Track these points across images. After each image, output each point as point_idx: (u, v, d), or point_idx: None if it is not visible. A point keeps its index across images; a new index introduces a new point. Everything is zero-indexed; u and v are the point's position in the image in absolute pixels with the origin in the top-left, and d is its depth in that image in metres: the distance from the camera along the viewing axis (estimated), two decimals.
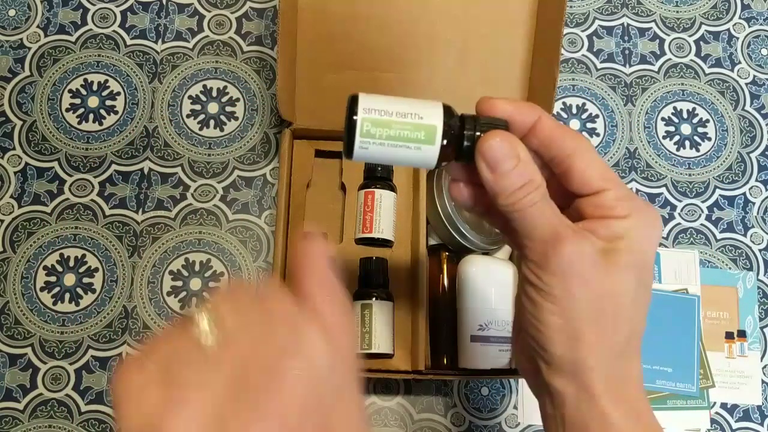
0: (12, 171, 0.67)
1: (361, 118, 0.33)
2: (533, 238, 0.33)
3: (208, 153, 0.68)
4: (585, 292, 0.32)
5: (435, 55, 0.61)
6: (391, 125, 0.33)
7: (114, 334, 0.63)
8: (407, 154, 0.33)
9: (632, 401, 0.33)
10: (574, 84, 0.72)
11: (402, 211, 0.63)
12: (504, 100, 0.34)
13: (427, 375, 0.57)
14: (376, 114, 0.33)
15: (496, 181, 0.32)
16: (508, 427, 0.63)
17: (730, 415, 0.64)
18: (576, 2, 0.74)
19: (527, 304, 0.34)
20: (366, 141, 0.33)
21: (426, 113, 0.33)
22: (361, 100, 0.33)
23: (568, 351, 0.33)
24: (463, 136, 0.33)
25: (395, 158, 0.33)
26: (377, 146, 0.33)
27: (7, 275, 0.64)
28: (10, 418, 0.61)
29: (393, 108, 0.33)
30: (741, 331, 0.66)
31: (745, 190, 0.70)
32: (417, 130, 0.33)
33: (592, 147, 0.34)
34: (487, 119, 0.34)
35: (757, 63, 0.74)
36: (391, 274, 0.62)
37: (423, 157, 0.33)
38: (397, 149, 0.33)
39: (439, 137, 0.33)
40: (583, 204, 0.34)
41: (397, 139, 0.33)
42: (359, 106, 0.33)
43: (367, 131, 0.33)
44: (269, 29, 0.72)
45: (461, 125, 0.34)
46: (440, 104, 0.34)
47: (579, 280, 0.32)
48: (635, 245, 0.33)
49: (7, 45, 0.70)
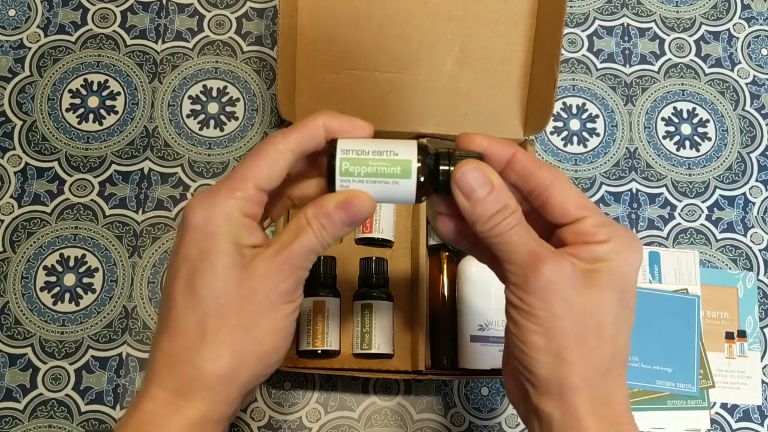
0: (12, 171, 0.67)
1: (339, 158, 0.35)
2: (513, 261, 0.34)
3: (208, 153, 0.68)
4: (566, 311, 0.33)
5: (435, 55, 0.61)
6: (368, 162, 0.35)
7: (114, 334, 0.63)
8: (386, 189, 0.35)
9: (619, 424, 0.34)
10: (574, 84, 0.72)
11: (402, 211, 0.63)
12: (481, 136, 0.36)
13: (427, 375, 0.57)
14: (353, 154, 0.35)
15: (472, 209, 0.34)
16: (508, 427, 0.63)
17: (730, 415, 0.64)
18: (576, 2, 0.74)
19: (512, 328, 0.34)
20: (346, 179, 0.35)
21: (401, 150, 0.35)
22: (339, 143, 0.35)
23: (552, 371, 0.33)
24: (438, 170, 0.35)
25: (375, 194, 0.35)
26: (357, 183, 0.35)
27: (7, 275, 0.64)
28: (10, 418, 0.61)
29: (370, 147, 0.35)
30: (741, 331, 0.66)
31: (745, 190, 0.70)
32: (393, 165, 0.35)
33: (567, 178, 0.36)
34: (461, 153, 0.36)
35: (757, 63, 0.74)
36: (391, 274, 0.62)
37: (402, 192, 0.35)
38: (376, 185, 0.35)
39: (415, 170, 0.35)
40: (564, 233, 0.35)
41: (375, 175, 0.35)
42: (338, 148, 0.35)
43: (345, 170, 0.35)
44: (269, 29, 0.72)
45: (436, 160, 0.36)
46: (415, 142, 0.36)
47: (560, 299, 0.33)
48: (616, 267, 0.34)
49: (7, 45, 0.70)
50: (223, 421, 0.35)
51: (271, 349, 0.35)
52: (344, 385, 0.62)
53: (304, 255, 0.35)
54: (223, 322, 0.34)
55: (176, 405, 0.34)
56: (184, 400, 0.34)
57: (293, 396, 0.62)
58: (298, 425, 0.61)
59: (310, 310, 0.58)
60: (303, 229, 0.35)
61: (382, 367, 0.59)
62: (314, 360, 0.59)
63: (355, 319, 0.60)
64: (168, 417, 0.33)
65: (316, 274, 0.60)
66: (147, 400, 0.34)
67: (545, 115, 0.59)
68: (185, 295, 0.34)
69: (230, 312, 0.34)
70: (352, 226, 0.36)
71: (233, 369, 0.34)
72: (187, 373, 0.34)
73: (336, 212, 0.35)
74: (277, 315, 0.35)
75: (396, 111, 0.62)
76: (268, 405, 0.62)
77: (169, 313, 0.35)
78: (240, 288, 0.34)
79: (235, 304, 0.34)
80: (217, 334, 0.34)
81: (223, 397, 0.34)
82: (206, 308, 0.34)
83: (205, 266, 0.34)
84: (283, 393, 0.62)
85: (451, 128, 0.62)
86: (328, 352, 0.58)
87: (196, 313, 0.34)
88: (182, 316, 0.34)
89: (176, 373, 0.34)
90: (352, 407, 0.62)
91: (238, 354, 0.34)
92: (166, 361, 0.34)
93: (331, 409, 0.62)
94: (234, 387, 0.34)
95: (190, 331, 0.34)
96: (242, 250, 0.34)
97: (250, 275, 0.34)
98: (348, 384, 0.62)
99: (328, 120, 0.36)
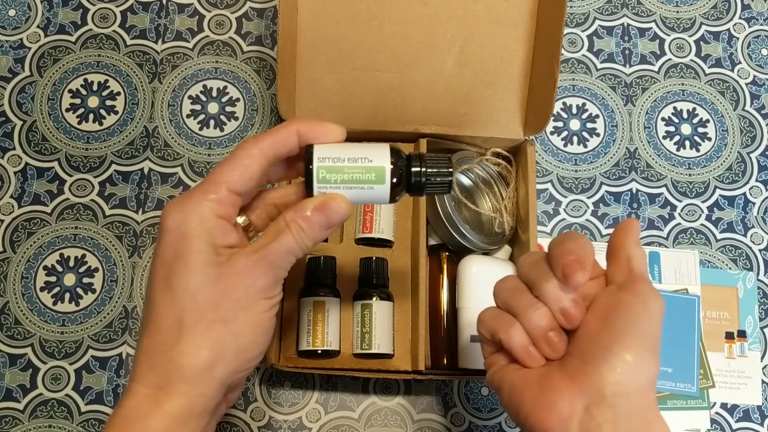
0: (12, 171, 0.67)
1: (317, 166, 0.36)
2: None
3: (208, 153, 0.68)
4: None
5: (435, 55, 0.61)
6: (344, 170, 0.36)
7: (114, 334, 0.63)
8: (362, 193, 0.37)
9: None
10: (574, 84, 0.72)
11: (402, 211, 0.63)
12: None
13: (427, 375, 0.57)
14: (329, 162, 0.36)
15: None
16: (508, 428, 0.63)
17: (730, 415, 0.64)
18: (576, 2, 0.74)
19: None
20: (323, 186, 0.37)
21: (375, 156, 0.37)
22: (315, 150, 0.37)
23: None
24: (411, 173, 0.38)
25: (353, 198, 0.37)
26: (334, 189, 0.37)
27: (7, 275, 0.64)
28: (10, 418, 0.61)
29: (345, 155, 0.37)
30: (741, 331, 0.66)
31: (745, 191, 0.70)
32: (368, 172, 0.36)
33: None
34: (431, 156, 0.38)
35: (757, 63, 0.74)
36: (391, 274, 0.62)
37: (377, 195, 0.37)
38: (353, 190, 0.37)
39: (389, 176, 0.37)
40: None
41: (351, 182, 0.36)
42: (314, 155, 0.37)
43: (323, 177, 0.36)
44: (269, 29, 0.72)
45: (408, 163, 0.38)
46: (387, 146, 0.38)
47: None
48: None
49: (7, 45, 0.70)
50: (205, 415, 0.36)
51: (249, 343, 0.36)
52: (344, 385, 0.62)
53: (281, 255, 0.36)
54: (200, 316, 0.35)
55: (157, 399, 0.35)
56: (165, 395, 0.35)
57: (293, 396, 0.62)
58: (298, 425, 0.61)
59: (310, 310, 0.58)
60: (282, 231, 0.36)
61: (382, 367, 0.59)
62: (314, 360, 0.59)
63: (355, 319, 0.60)
64: (149, 411, 0.34)
65: (316, 274, 0.60)
66: (129, 396, 0.35)
67: (545, 115, 0.59)
68: (163, 293, 0.35)
69: (207, 307, 0.35)
70: (329, 228, 0.37)
71: (211, 362, 0.35)
72: (166, 368, 0.35)
73: (314, 215, 0.36)
74: (255, 310, 0.36)
75: (396, 111, 0.61)
76: (268, 405, 0.62)
77: (149, 313, 0.36)
78: (216, 284, 0.35)
79: (212, 300, 0.35)
80: (194, 329, 0.35)
81: (202, 391, 0.35)
82: (183, 305, 0.35)
83: (180, 265, 0.35)
84: (283, 393, 0.62)
85: (451, 128, 0.62)
86: (328, 352, 0.58)
87: (173, 309, 0.35)
88: (160, 314, 0.35)
89: (156, 368, 0.35)
90: (352, 407, 0.62)
91: (215, 347, 0.35)
92: (146, 357, 0.36)
93: (331, 409, 0.62)
94: (212, 380, 0.35)
95: (168, 327, 0.35)
96: (218, 250, 0.36)
97: (228, 272, 0.35)
98: (348, 384, 0.62)
99: (301, 125, 0.37)
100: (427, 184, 0.39)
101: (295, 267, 0.62)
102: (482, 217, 0.64)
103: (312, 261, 0.60)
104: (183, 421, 0.35)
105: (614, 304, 0.35)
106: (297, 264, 0.62)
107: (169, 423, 0.34)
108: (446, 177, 0.39)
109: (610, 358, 0.34)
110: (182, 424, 0.35)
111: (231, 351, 0.36)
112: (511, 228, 0.63)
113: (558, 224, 0.68)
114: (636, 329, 0.34)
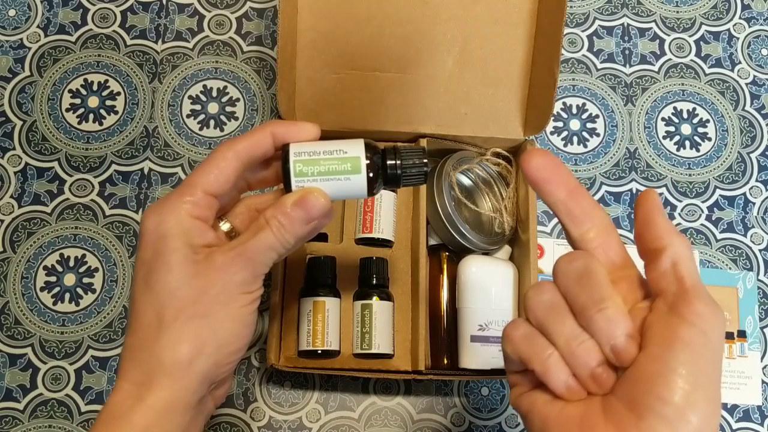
0: (12, 171, 0.67)
1: (293, 161, 0.38)
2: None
3: (208, 153, 0.68)
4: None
5: (435, 55, 0.61)
6: (320, 162, 0.37)
7: (114, 334, 0.63)
8: (340, 185, 0.38)
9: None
10: (574, 84, 0.72)
11: (402, 211, 0.63)
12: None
13: (427, 375, 0.57)
14: (305, 155, 0.38)
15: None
16: (508, 428, 0.63)
17: (730, 415, 0.64)
18: (576, 2, 0.74)
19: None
20: (301, 180, 0.38)
21: (349, 148, 0.38)
22: (291, 147, 0.38)
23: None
24: (386, 166, 0.39)
25: (331, 191, 0.38)
26: (312, 182, 0.37)
27: (7, 275, 0.64)
28: (10, 418, 0.61)
29: (320, 148, 0.38)
30: (741, 332, 0.66)
31: (745, 191, 0.70)
32: (343, 162, 0.38)
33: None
34: (406, 148, 0.40)
35: (757, 63, 0.74)
36: (391, 274, 0.62)
37: (354, 187, 0.38)
38: (330, 182, 0.38)
39: (364, 166, 0.38)
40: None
41: (328, 173, 0.37)
42: (290, 151, 0.38)
43: (300, 170, 0.37)
44: (269, 29, 0.72)
45: (383, 156, 0.39)
46: (362, 140, 0.39)
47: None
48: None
49: (7, 45, 0.70)
50: (189, 410, 0.36)
51: (229, 338, 0.37)
52: (344, 385, 0.62)
53: (260, 251, 0.37)
54: (179, 312, 0.36)
55: (140, 394, 0.35)
56: (147, 389, 0.35)
57: (293, 396, 0.62)
58: (298, 425, 0.61)
59: (310, 310, 0.58)
60: (262, 228, 0.37)
61: (382, 367, 0.59)
62: (314, 360, 0.59)
63: (355, 319, 0.60)
64: (132, 407, 0.35)
65: (317, 274, 0.60)
66: (114, 393, 0.36)
67: (545, 115, 0.59)
68: (143, 292, 0.36)
69: (186, 303, 0.36)
70: (309, 222, 0.37)
71: (192, 356, 0.36)
72: (148, 363, 0.36)
73: (293, 210, 0.37)
74: (235, 305, 0.37)
75: (396, 111, 0.61)
76: (268, 405, 0.62)
77: (132, 312, 0.37)
78: (194, 280, 0.36)
79: (191, 296, 0.36)
80: (173, 324, 0.36)
81: (184, 385, 0.36)
82: (162, 301, 0.36)
83: (159, 264, 0.36)
84: (283, 393, 0.62)
85: (451, 128, 0.62)
86: (328, 352, 0.58)
87: (153, 307, 0.36)
88: (141, 312, 0.36)
89: (138, 364, 0.36)
90: (352, 407, 0.62)
91: (195, 341, 0.36)
92: (129, 354, 0.36)
93: (331, 409, 0.62)
94: (194, 374, 0.36)
95: (148, 323, 0.36)
96: (195, 249, 0.37)
97: (206, 268, 0.36)
98: (348, 384, 0.62)
99: (275, 127, 0.38)
100: (403, 176, 0.40)
101: (296, 267, 0.62)
102: (482, 217, 0.64)
103: (312, 261, 0.60)
104: (166, 415, 0.35)
105: (670, 339, 0.29)
106: (297, 264, 0.62)
107: (153, 417, 0.35)
108: (421, 168, 0.40)
109: (671, 419, 0.28)
110: (166, 418, 0.35)
111: (211, 345, 0.36)
112: (511, 228, 0.63)
113: (558, 224, 0.68)
114: (699, 378, 0.28)
